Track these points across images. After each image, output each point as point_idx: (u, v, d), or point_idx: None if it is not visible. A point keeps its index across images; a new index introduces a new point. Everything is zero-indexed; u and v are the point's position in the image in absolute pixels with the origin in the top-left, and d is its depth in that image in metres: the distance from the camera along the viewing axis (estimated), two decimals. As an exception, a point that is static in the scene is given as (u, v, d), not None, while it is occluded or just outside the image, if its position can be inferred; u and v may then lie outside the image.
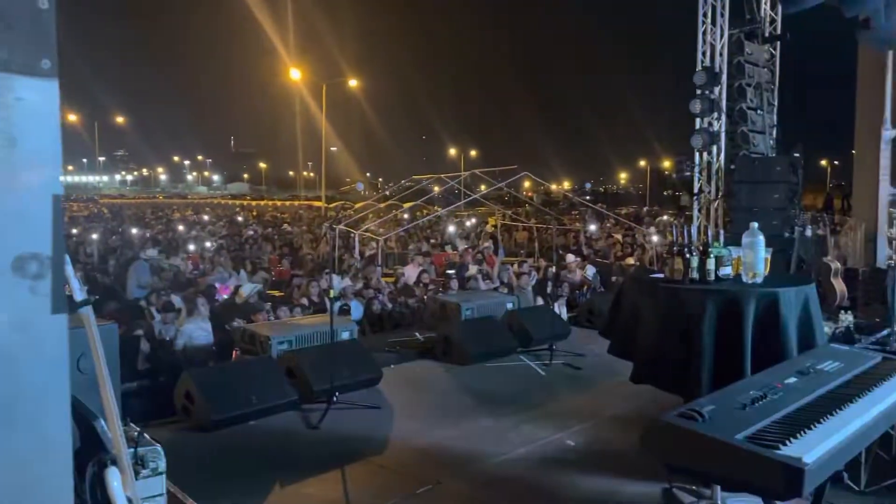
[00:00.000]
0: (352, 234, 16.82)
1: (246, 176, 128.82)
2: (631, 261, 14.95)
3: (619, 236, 19.96)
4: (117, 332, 4.44)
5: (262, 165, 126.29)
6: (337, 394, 5.70)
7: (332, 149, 52.75)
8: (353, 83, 33.41)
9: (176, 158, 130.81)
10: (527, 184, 36.32)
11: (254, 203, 57.71)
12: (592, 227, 20.29)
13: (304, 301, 8.91)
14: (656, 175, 74.41)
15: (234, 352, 7.03)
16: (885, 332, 4.73)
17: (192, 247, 17.70)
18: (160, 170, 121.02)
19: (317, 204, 38.60)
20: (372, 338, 8.48)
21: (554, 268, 10.71)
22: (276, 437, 5.15)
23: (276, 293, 11.60)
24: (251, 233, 22.87)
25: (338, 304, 8.83)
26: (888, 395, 2.58)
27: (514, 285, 10.84)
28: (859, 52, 12.37)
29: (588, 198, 48.59)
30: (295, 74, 28.97)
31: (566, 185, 72.07)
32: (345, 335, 7.12)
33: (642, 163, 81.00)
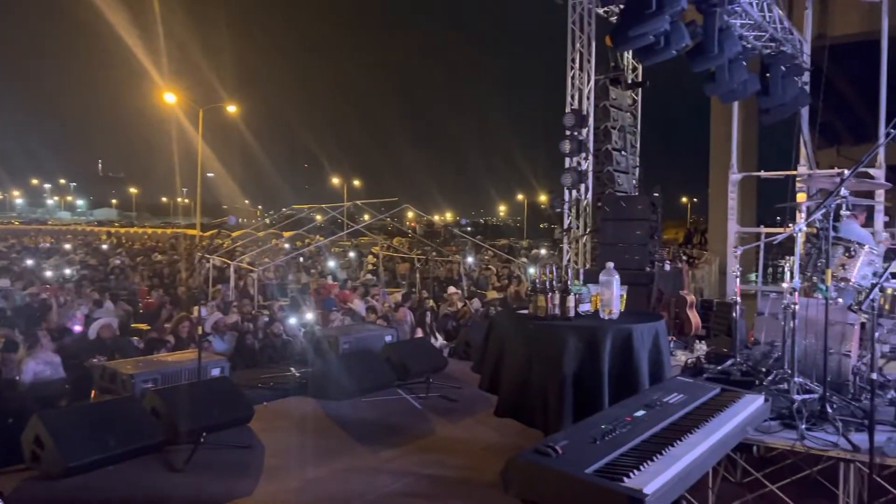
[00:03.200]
0: (227, 265, 16.27)
1: (114, 202, 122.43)
2: (511, 290, 15.35)
3: (495, 268, 20.48)
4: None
5: (133, 190, 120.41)
6: (205, 434, 5.48)
7: (209, 174, 50.94)
8: (231, 109, 32.47)
9: (35, 181, 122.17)
10: (410, 214, 36.71)
11: (122, 230, 54.61)
12: (470, 259, 20.71)
13: (171, 338, 8.52)
14: (533, 208, 77.38)
15: (92, 392, 6.61)
16: (729, 363, 5.13)
17: (49, 274, 16.61)
18: (16, 193, 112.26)
19: (191, 232, 37.07)
20: (247, 373, 8.22)
21: (432, 300, 10.84)
22: (138, 482, 4.88)
23: (144, 326, 11.03)
24: (118, 262, 21.62)
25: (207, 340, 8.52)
26: (722, 425, 2.82)
27: (390, 317, 10.86)
28: (712, 102, 13.54)
29: (469, 229, 49.65)
30: (170, 98, 27.78)
31: (448, 216, 73.47)
32: (215, 372, 6.89)
33: (520, 196, 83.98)
